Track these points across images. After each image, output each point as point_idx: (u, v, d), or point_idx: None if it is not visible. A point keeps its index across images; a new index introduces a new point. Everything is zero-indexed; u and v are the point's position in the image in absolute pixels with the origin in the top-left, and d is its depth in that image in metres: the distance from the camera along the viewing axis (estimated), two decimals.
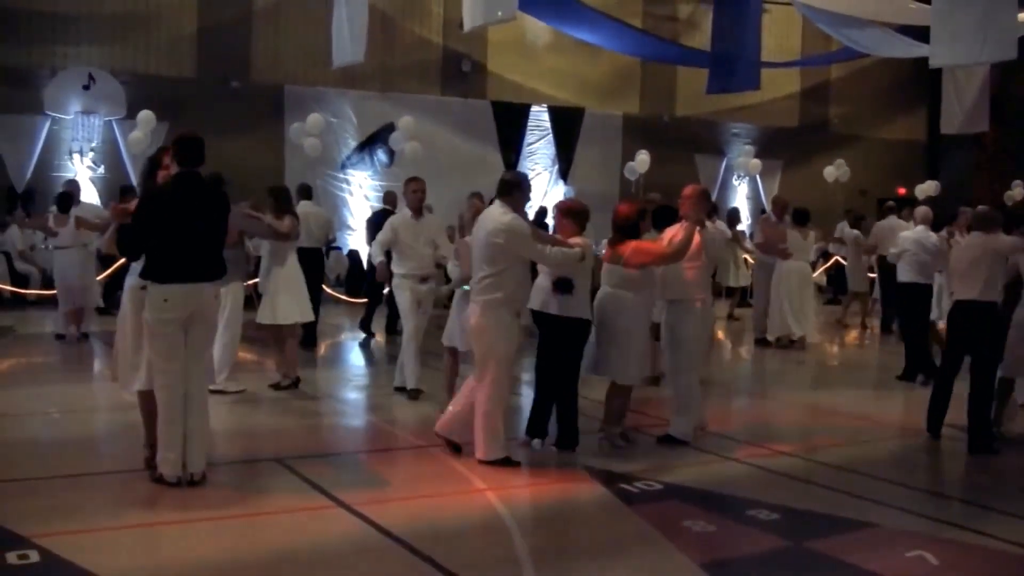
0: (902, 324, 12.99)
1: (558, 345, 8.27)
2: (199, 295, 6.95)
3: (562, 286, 8.08)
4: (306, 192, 14.15)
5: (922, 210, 12.68)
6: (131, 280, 7.21)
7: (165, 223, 6.83)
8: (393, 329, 15.25)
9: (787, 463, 8.32)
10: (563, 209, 8.61)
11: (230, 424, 8.98)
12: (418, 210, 10.51)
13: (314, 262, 13.58)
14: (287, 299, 10.66)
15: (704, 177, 26.04)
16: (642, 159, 22.69)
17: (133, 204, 7.19)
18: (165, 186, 7.08)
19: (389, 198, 15.77)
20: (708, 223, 8.92)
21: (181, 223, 6.86)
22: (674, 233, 8.75)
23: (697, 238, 8.55)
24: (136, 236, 6.92)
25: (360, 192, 22.00)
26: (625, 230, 8.57)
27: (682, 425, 8.82)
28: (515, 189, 7.96)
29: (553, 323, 8.21)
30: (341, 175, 21.99)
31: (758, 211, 27.51)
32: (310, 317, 11.17)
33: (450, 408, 8.27)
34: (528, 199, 8.30)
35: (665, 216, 9.37)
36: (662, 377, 10.27)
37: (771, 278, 15.57)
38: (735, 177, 27.14)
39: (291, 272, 10.74)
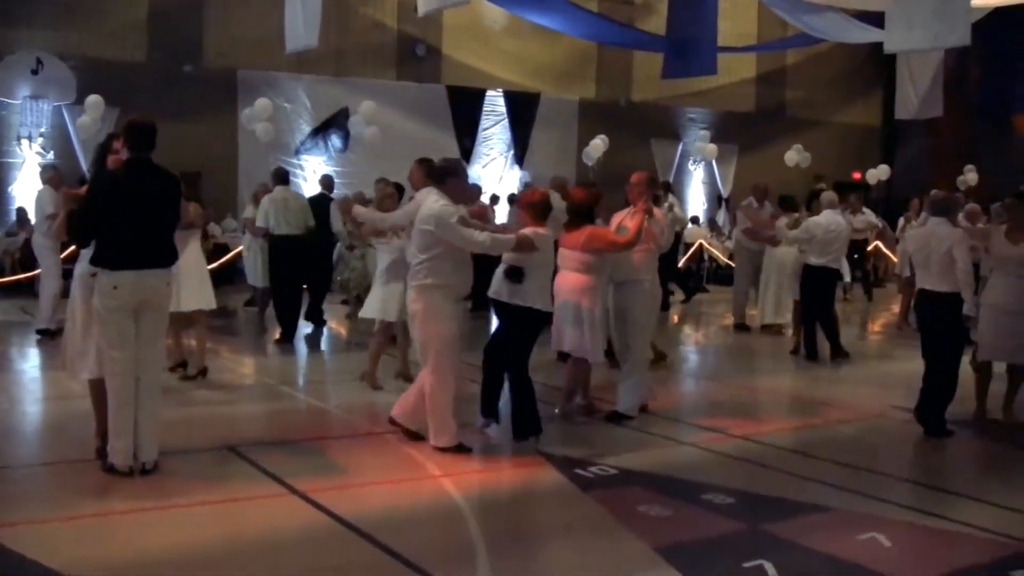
0: (807, 308, 13.10)
1: (508, 332, 8.31)
2: (150, 282, 6.90)
3: (512, 274, 8.10)
4: (281, 177, 13.90)
5: (828, 195, 13.29)
6: (81, 267, 7.15)
7: (115, 209, 6.77)
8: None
9: (742, 447, 8.39)
10: (521, 202, 8.67)
11: (183, 412, 8.92)
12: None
13: (295, 250, 13.40)
14: (189, 286, 10.44)
15: (660, 162, 26.18)
16: (597, 144, 22.76)
17: (84, 190, 7.12)
18: (116, 172, 7.02)
19: (326, 181, 15.70)
20: (664, 209, 9.22)
21: (131, 209, 6.79)
22: (622, 218, 9.16)
23: (646, 223, 8.88)
24: (86, 222, 6.85)
25: (314, 177, 21.68)
26: (580, 215, 8.83)
27: (629, 401, 9.16)
28: (448, 176, 7.96)
29: (503, 310, 8.26)
30: (295, 160, 21.88)
31: (714, 196, 27.71)
32: (212, 304, 10.71)
33: (405, 395, 8.30)
34: (464, 184, 8.22)
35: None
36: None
37: (752, 264, 15.54)
38: (691, 162, 27.29)
39: (192, 259, 10.51)
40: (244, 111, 19.71)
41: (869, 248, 21.37)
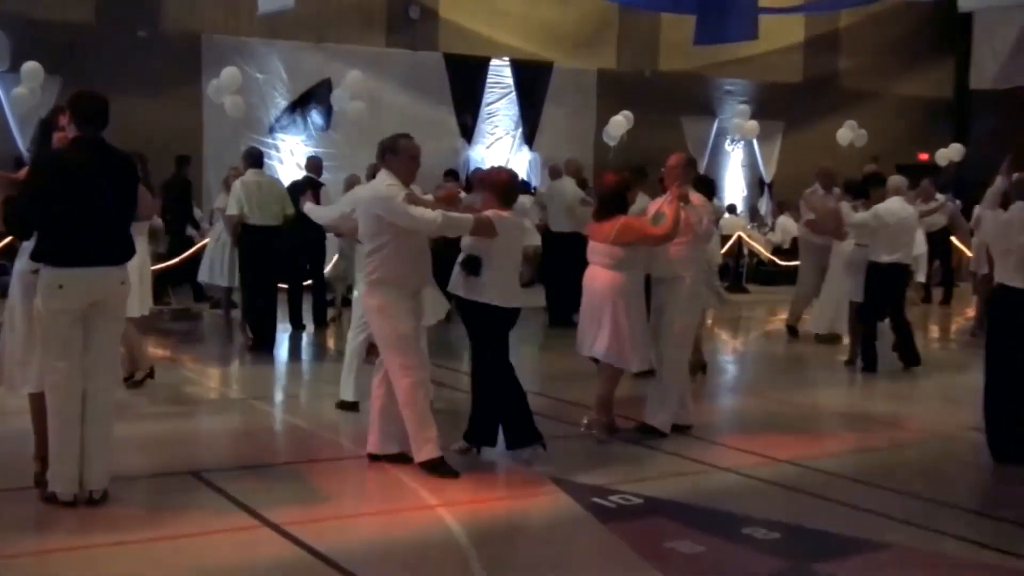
0: (870, 311, 13.04)
1: (472, 334, 8.39)
2: (102, 281, 6.88)
3: (467, 265, 8.16)
4: (255, 159, 13.89)
5: (896, 179, 13.28)
6: (20, 263, 7.13)
7: (61, 196, 6.74)
8: (323, 320, 15.56)
9: (788, 473, 8.37)
10: (485, 181, 8.70)
11: (138, 431, 8.90)
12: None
13: (270, 243, 13.46)
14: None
15: (692, 142, 26.17)
16: (619, 121, 22.76)
17: (23, 173, 7.11)
18: (61, 152, 7.01)
19: (313, 164, 15.73)
20: (701, 200, 9.44)
21: (80, 196, 6.77)
22: (659, 206, 9.24)
23: (684, 213, 8.95)
24: (26, 211, 6.81)
25: (292, 160, 21.91)
26: (611, 203, 9.01)
27: (662, 415, 9.29)
28: (387, 153, 8.14)
29: (461, 306, 8.37)
30: (269, 140, 21.84)
31: (755, 180, 27.71)
32: (146, 310, 10.69)
33: (370, 424, 8.36)
34: (407, 161, 8.20)
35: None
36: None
37: (819, 263, 15.28)
38: (728, 142, 27.32)
39: (139, 257, 10.56)
40: (210, 83, 19.72)
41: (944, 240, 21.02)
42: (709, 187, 11.41)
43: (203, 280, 15.83)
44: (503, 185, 8.37)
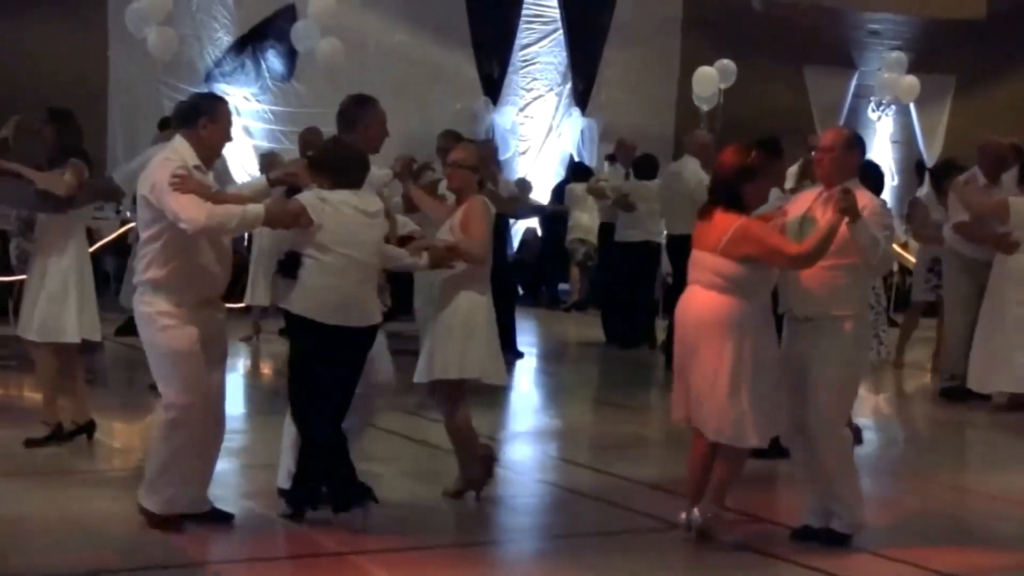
0: None
1: (291, 352, 9.12)
2: None
3: (284, 267, 8.82)
4: (183, 118, 14.65)
5: None
6: None
7: None
8: None
9: None
10: (310, 157, 9.42)
11: (21, 513, 9.41)
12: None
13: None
14: (69, 305, 11.13)
15: (819, 105, 26.60)
16: (710, 75, 23.35)
17: None
18: None
19: (310, 139, 16.15)
20: (876, 205, 9.06)
21: None
22: (807, 205, 9.03)
23: (844, 227, 8.61)
24: None
25: (237, 122, 22.11)
26: (719, 192, 8.95)
27: (855, 511, 9.13)
28: (180, 122, 8.98)
29: (285, 318, 9.11)
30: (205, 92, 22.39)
31: (911, 162, 28.11)
32: (94, 334, 11.52)
33: None
34: (210, 128, 8.87)
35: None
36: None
37: (974, 285, 15.37)
38: (873, 106, 27.76)
39: (75, 263, 11.23)
40: (131, 6, 20.22)
41: None
42: (876, 180, 11.02)
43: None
44: (340, 159, 9.03)
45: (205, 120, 8.76)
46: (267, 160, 15.01)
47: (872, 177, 10.29)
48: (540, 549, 9.42)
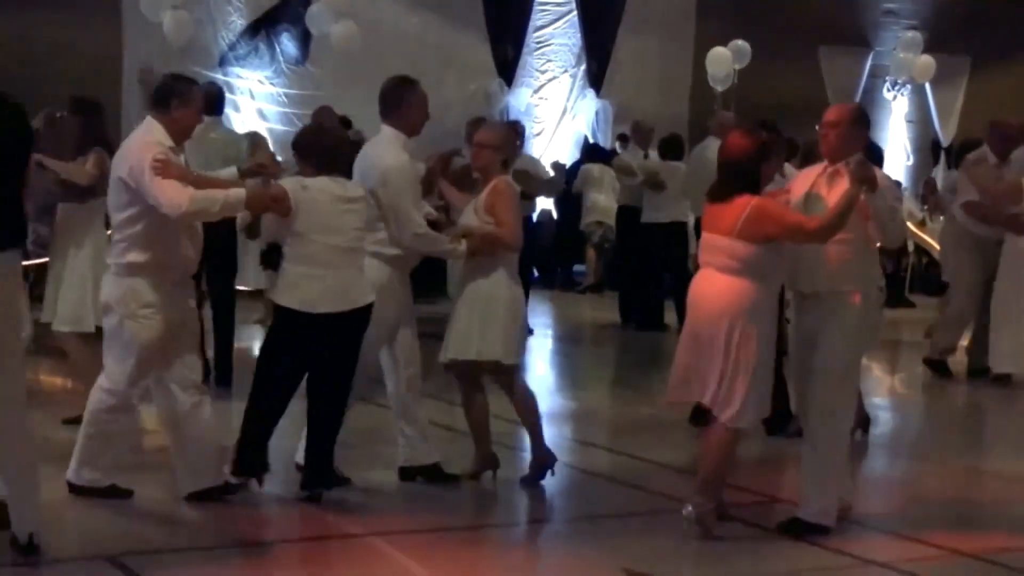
0: None
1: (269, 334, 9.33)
2: None
3: (266, 258, 9.09)
4: (211, 101, 14.63)
5: None
6: None
7: None
8: None
9: (974, 571, 8.71)
10: (292, 142, 9.51)
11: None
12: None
13: (226, 227, 13.82)
14: (87, 293, 11.27)
15: (834, 85, 26.58)
16: (724, 56, 23.39)
17: None
18: None
19: (323, 117, 15.93)
20: (887, 179, 9.03)
21: None
22: (812, 183, 9.00)
23: (862, 198, 8.56)
24: None
25: (251, 105, 22.68)
26: (739, 177, 8.77)
27: (822, 501, 8.98)
28: (152, 104, 9.04)
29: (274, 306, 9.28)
30: (220, 76, 22.11)
31: (927, 142, 28.12)
32: (90, 326, 11.41)
33: None
34: (181, 111, 8.96)
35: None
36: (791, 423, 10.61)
37: (981, 265, 15.47)
38: (888, 86, 27.77)
39: (94, 251, 11.35)
40: None
41: None
42: (877, 159, 11.03)
43: None
44: (319, 145, 9.24)
45: (176, 102, 8.82)
46: (251, 141, 14.75)
47: (872, 155, 10.04)
48: (559, 531, 9.52)
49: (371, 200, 9.22)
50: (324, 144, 9.18)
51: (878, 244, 9.16)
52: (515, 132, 14.56)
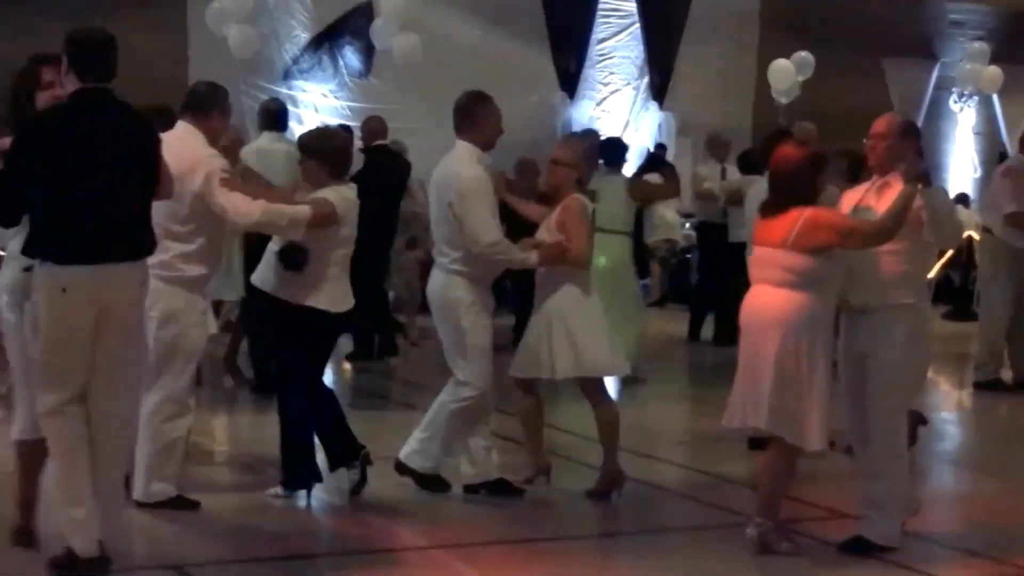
0: None
1: (284, 344, 9.53)
2: (114, 282, 7.46)
3: (289, 258, 9.02)
4: (272, 118, 14.78)
5: None
6: (11, 269, 7.85)
7: (60, 171, 7.28)
8: (368, 353, 16.38)
9: None
10: (302, 143, 9.79)
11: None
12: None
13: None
14: None
15: (900, 97, 26.42)
16: (786, 68, 23.31)
17: (7, 142, 7.57)
18: (56, 112, 7.53)
19: (374, 127, 16.22)
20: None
21: (86, 171, 7.32)
22: (860, 197, 8.96)
23: (918, 201, 8.47)
24: (11, 191, 7.36)
25: (315, 119, 22.52)
26: (792, 188, 8.72)
27: (885, 520, 8.86)
28: (191, 108, 9.39)
29: (269, 307, 9.49)
30: (284, 90, 22.45)
31: (994, 154, 27.85)
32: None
33: None
34: (218, 120, 9.35)
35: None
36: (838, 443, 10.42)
37: (1018, 280, 15.55)
38: (954, 97, 27.62)
39: None
40: (212, 6, 20.41)
41: None
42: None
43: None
44: (336, 150, 9.53)
45: (217, 113, 9.15)
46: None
47: None
48: (626, 545, 9.58)
49: (449, 215, 9.37)
50: (340, 148, 9.57)
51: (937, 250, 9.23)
52: (595, 148, 14.41)
